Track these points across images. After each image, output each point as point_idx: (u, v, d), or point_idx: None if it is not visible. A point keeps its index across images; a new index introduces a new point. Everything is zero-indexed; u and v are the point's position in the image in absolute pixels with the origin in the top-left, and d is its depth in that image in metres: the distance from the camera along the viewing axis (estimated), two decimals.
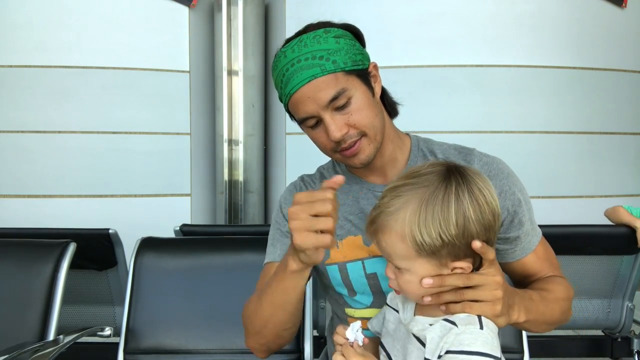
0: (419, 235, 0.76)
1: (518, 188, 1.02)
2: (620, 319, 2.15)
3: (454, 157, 1.01)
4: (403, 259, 0.79)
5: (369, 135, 0.96)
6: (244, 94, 2.93)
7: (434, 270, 0.78)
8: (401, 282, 0.81)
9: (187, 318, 1.52)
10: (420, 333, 0.80)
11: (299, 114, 0.96)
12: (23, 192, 2.70)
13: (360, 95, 0.95)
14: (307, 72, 0.92)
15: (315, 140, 0.99)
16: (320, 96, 0.92)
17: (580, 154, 2.85)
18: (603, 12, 2.79)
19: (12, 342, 1.36)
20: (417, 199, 0.77)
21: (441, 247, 0.76)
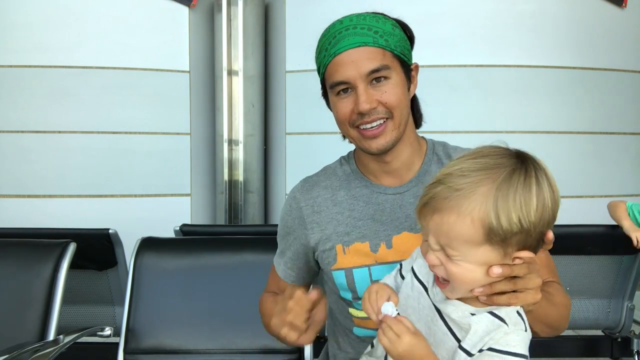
0: (495, 219, 0.69)
1: None
2: (620, 319, 2.15)
3: None
4: (465, 244, 0.71)
5: (395, 119, 0.97)
6: (244, 94, 2.93)
7: (495, 260, 0.72)
8: (453, 272, 0.72)
9: (187, 318, 1.52)
10: (461, 320, 0.75)
11: (335, 76, 0.97)
12: (23, 192, 2.70)
13: (399, 80, 0.97)
14: (359, 39, 0.95)
15: (339, 109, 0.99)
16: (364, 63, 0.94)
17: (580, 154, 2.85)
18: (603, 12, 2.79)
19: (12, 342, 1.36)
20: (492, 180, 0.70)
21: (515, 234, 0.70)
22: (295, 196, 1.12)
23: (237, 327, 1.49)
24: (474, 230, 0.70)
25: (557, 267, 1.12)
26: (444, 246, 0.72)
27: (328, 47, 0.98)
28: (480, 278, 0.73)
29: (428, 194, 0.74)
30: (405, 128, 1.00)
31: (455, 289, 0.75)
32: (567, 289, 1.06)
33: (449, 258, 0.72)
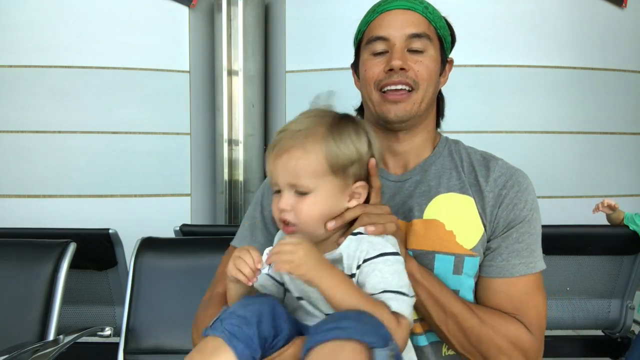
0: (335, 148, 0.80)
1: (529, 207, 0.93)
2: (620, 319, 2.15)
3: (476, 160, 0.99)
4: (312, 176, 0.79)
5: (419, 93, 0.94)
6: (244, 94, 2.93)
7: (339, 192, 0.81)
8: (303, 209, 0.79)
9: (187, 318, 1.52)
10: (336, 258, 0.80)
11: (376, 30, 0.97)
12: (23, 192, 2.71)
13: (435, 57, 0.96)
14: (410, 4, 0.96)
15: (369, 68, 0.97)
16: (408, 25, 0.95)
17: (580, 154, 2.85)
18: (603, 12, 2.79)
19: (12, 342, 1.36)
20: (326, 121, 0.82)
21: (352, 163, 0.81)
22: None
23: None
24: (317, 162, 0.79)
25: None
26: (293, 182, 0.79)
27: (377, 7, 0.99)
28: (326, 211, 0.81)
29: (273, 142, 0.82)
30: (426, 111, 0.98)
31: (304, 229, 0.80)
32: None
33: (299, 198, 0.79)
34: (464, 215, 0.93)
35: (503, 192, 0.94)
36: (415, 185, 0.98)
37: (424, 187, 0.97)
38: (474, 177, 0.97)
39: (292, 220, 0.80)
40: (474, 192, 0.95)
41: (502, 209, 0.93)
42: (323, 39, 2.80)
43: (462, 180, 0.96)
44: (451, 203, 0.95)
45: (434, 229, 0.92)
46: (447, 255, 0.91)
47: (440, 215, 0.93)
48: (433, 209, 0.94)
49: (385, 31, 0.95)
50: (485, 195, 0.94)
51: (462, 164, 0.99)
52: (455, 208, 0.94)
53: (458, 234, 0.92)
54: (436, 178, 0.97)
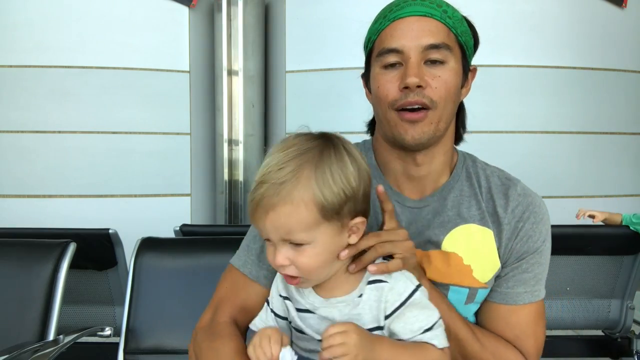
0: (322, 196, 0.73)
1: (543, 239, 0.92)
2: (620, 319, 2.15)
3: (495, 186, 0.93)
4: (306, 229, 0.73)
5: (436, 112, 0.85)
6: (244, 94, 2.93)
7: (337, 235, 0.76)
8: (303, 262, 0.74)
9: (187, 318, 1.52)
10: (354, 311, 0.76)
11: (387, 42, 0.86)
12: (23, 192, 2.71)
13: (456, 70, 0.86)
14: (426, 9, 0.85)
15: (382, 85, 0.86)
16: (424, 35, 0.84)
17: (580, 154, 2.85)
18: (603, 12, 2.79)
19: (12, 342, 1.36)
20: (308, 162, 0.74)
21: (344, 203, 0.74)
22: None
23: None
24: (308, 213, 0.72)
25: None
26: (287, 238, 0.74)
27: (388, 14, 0.87)
28: (329, 257, 0.76)
29: (255, 197, 0.74)
30: (445, 130, 0.89)
31: (309, 278, 0.77)
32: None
33: (296, 251, 0.74)
34: (482, 249, 0.90)
35: (519, 225, 0.90)
36: (433, 214, 0.92)
37: (442, 217, 0.91)
38: (492, 207, 0.91)
39: (294, 273, 0.75)
40: (493, 222, 0.91)
41: (517, 241, 0.90)
42: (323, 39, 2.80)
43: (482, 211, 0.91)
44: (470, 235, 0.90)
45: (452, 263, 0.89)
46: (462, 287, 0.89)
47: (458, 249, 0.89)
48: (452, 241, 0.90)
49: (399, 42, 0.84)
50: (503, 228, 0.90)
51: (480, 190, 0.93)
52: (475, 241, 0.90)
53: (475, 269, 0.89)
54: (455, 207, 0.92)
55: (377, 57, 0.88)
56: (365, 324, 0.75)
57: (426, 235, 0.90)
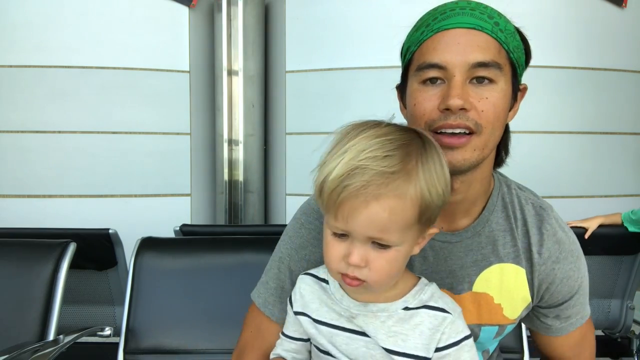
0: (428, 195, 0.66)
1: (582, 274, 0.90)
2: (620, 319, 2.15)
3: (530, 217, 0.87)
4: (402, 229, 0.65)
5: (481, 137, 0.75)
6: (244, 94, 2.93)
7: (416, 240, 0.70)
8: (380, 267, 0.66)
9: (187, 318, 1.52)
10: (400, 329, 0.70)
11: (429, 56, 0.76)
12: (23, 192, 2.70)
13: (505, 91, 0.77)
14: (475, 21, 0.75)
15: (419, 103, 0.77)
16: (473, 50, 0.73)
17: (580, 154, 2.85)
18: (603, 12, 2.79)
19: (12, 342, 1.36)
20: (415, 156, 0.66)
21: (439, 207, 0.69)
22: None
23: (237, 327, 1.49)
24: (411, 211, 0.65)
25: None
26: (377, 237, 0.64)
27: (432, 22, 0.77)
28: (403, 264, 0.70)
29: (351, 184, 0.63)
30: (489, 153, 0.79)
31: (374, 286, 0.68)
32: None
33: (378, 253, 0.65)
34: (514, 289, 0.86)
35: (556, 267, 0.86)
36: (465, 251, 0.85)
37: (476, 255, 0.85)
38: (527, 244, 0.86)
39: (362, 277, 0.66)
40: (526, 260, 0.86)
41: (557, 283, 0.87)
42: (323, 39, 2.80)
43: (517, 248, 0.86)
44: (504, 275, 0.85)
45: (483, 303, 0.86)
46: (492, 326, 0.87)
47: (490, 288, 0.85)
48: (484, 281, 0.85)
49: (442, 57, 0.74)
50: (537, 269, 0.86)
51: (516, 223, 0.86)
52: (507, 280, 0.86)
53: (505, 307, 0.86)
54: (490, 244, 0.85)
55: (417, 72, 0.78)
56: (407, 348, 0.70)
57: (458, 275, 0.85)
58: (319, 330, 0.76)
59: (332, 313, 0.75)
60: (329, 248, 0.68)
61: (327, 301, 0.76)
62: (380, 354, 0.71)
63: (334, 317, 0.75)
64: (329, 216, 0.67)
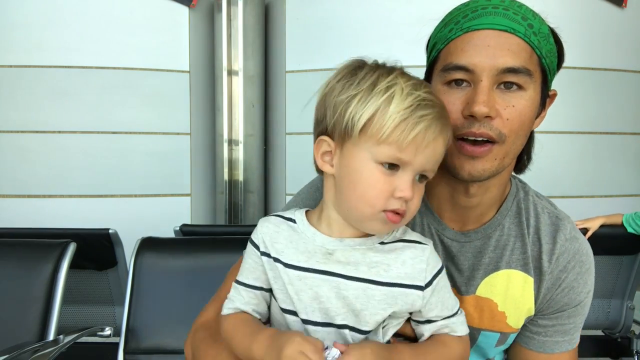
0: None
1: (587, 290, 0.86)
2: (620, 319, 2.15)
3: (544, 225, 0.85)
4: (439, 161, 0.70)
5: (504, 147, 0.73)
6: (244, 94, 2.93)
7: None
8: (417, 200, 0.68)
9: (187, 318, 1.52)
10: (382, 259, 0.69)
11: (456, 56, 0.72)
12: (23, 192, 2.70)
13: (534, 99, 0.74)
14: (510, 23, 0.71)
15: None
16: (503, 54, 0.70)
17: (580, 154, 2.85)
18: (603, 12, 2.79)
19: (12, 342, 1.36)
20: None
21: None
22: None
23: None
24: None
25: None
26: (431, 169, 0.68)
27: (461, 20, 0.74)
28: None
29: (428, 114, 0.64)
30: (510, 162, 0.77)
31: (409, 217, 0.70)
32: None
33: (417, 188, 0.68)
34: (520, 298, 0.83)
35: (562, 276, 0.83)
36: (474, 253, 0.84)
37: (483, 258, 0.83)
38: (537, 251, 0.83)
39: (406, 210, 0.67)
40: (535, 269, 0.83)
41: (558, 291, 0.83)
42: (323, 39, 2.80)
43: (527, 256, 0.83)
44: (510, 282, 0.83)
45: (485, 309, 0.83)
46: (494, 332, 0.84)
47: (494, 294, 0.83)
48: (488, 286, 0.83)
49: (470, 59, 0.71)
50: (545, 277, 0.83)
51: (528, 230, 0.84)
52: (513, 288, 0.83)
53: (510, 315, 0.83)
54: (499, 248, 0.83)
55: (442, 72, 0.75)
56: (390, 277, 0.69)
57: (465, 276, 0.83)
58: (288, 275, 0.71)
59: (300, 254, 0.72)
60: (377, 184, 0.66)
61: (297, 241, 0.73)
62: (353, 295, 0.69)
63: (302, 259, 0.71)
64: (383, 148, 0.64)
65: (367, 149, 0.66)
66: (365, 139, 0.65)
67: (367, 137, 0.65)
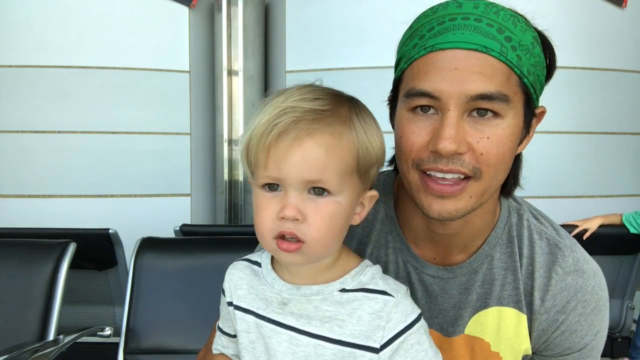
0: (366, 141, 0.59)
1: (594, 332, 0.73)
2: (620, 319, 2.15)
3: (539, 256, 0.74)
4: (340, 173, 0.58)
5: (481, 183, 0.62)
6: (244, 94, 2.93)
7: (356, 199, 0.62)
8: (319, 219, 0.58)
9: (187, 318, 1.52)
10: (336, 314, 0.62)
11: (419, 81, 0.61)
12: (23, 192, 2.70)
13: (513, 126, 0.62)
14: (481, 39, 0.60)
15: (406, 133, 0.63)
16: (474, 79, 0.59)
17: (580, 154, 2.85)
18: (603, 12, 2.79)
19: (12, 342, 1.36)
20: (348, 105, 0.61)
21: (374, 164, 0.62)
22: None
23: None
24: (349, 155, 0.58)
25: None
26: (315, 179, 0.57)
27: (426, 34, 0.63)
28: (343, 224, 0.61)
29: (280, 122, 0.57)
30: (487, 200, 0.66)
31: (313, 247, 0.59)
32: None
33: (315, 203, 0.58)
34: (515, 337, 0.73)
35: (560, 318, 0.72)
36: (459, 290, 0.73)
37: (471, 295, 0.73)
38: (530, 286, 0.72)
39: (301, 235, 0.58)
40: (527, 305, 0.72)
41: (556, 334, 0.72)
42: (323, 39, 2.80)
43: (519, 292, 0.72)
44: (502, 320, 0.73)
45: (477, 350, 0.74)
46: None
47: (485, 334, 0.73)
48: (478, 324, 0.73)
49: (434, 85, 0.60)
50: (537, 317, 0.72)
51: (521, 262, 0.73)
52: (506, 327, 0.73)
53: (505, 356, 0.74)
54: (487, 283, 0.73)
55: (405, 97, 0.64)
56: (343, 335, 0.62)
57: (450, 316, 0.73)
58: (246, 321, 0.68)
59: (259, 301, 0.67)
60: (260, 208, 0.59)
61: (257, 287, 0.68)
62: (303, 353, 0.63)
63: (261, 306, 0.67)
64: (258, 169, 0.60)
65: (254, 179, 0.62)
66: (255, 172, 0.61)
67: (253, 167, 0.61)
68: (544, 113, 0.70)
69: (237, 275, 0.72)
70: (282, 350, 0.64)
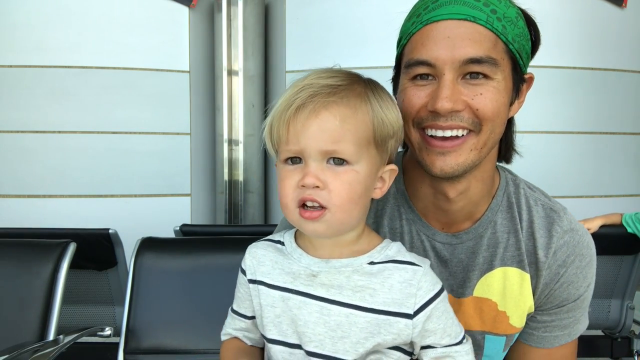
0: (382, 113, 0.64)
1: (587, 284, 0.83)
2: (620, 319, 2.15)
3: (538, 219, 0.82)
4: (357, 143, 0.62)
5: (481, 136, 0.70)
6: (244, 94, 2.93)
7: (375, 171, 0.66)
8: (339, 187, 0.61)
9: (187, 318, 1.52)
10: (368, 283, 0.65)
11: (417, 52, 0.70)
12: (23, 192, 2.70)
13: (503, 86, 0.71)
14: (469, 11, 0.69)
15: (408, 98, 0.72)
16: (464, 45, 0.67)
17: (580, 154, 2.85)
18: (603, 12, 2.79)
19: (12, 342, 1.36)
20: (359, 78, 0.67)
21: (392, 136, 0.66)
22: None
23: None
24: (365, 126, 0.63)
25: None
26: (332, 149, 0.61)
27: (422, 12, 0.72)
28: (364, 193, 0.65)
29: (297, 99, 0.62)
30: (489, 152, 0.74)
31: (335, 214, 0.62)
32: None
33: (333, 172, 0.62)
34: (519, 296, 0.81)
35: (561, 271, 0.81)
36: (467, 254, 0.81)
37: (477, 258, 0.81)
38: (532, 246, 0.81)
39: (322, 200, 0.62)
40: (530, 264, 0.81)
41: (557, 286, 0.81)
42: (323, 39, 2.80)
43: (521, 252, 0.80)
44: (507, 280, 0.80)
45: (485, 309, 0.81)
46: (499, 336, 0.82)
47: (492, 294, 0.80)
48: (485, 286, 0.81)
49: (430, 53, 0.69)
50: (542, 273, 0.80)
51: (521, 225, 0.81)
52: (510, 286, 0.80)
53: (512, 315, 0.81)
54: (492, 246, 0.81)
55: (406, 68, 0.73)
56: (375, 304, 0.65)
57: (460, 278, 0.81)
58: (272, 296, 0.70)
59: (286, 275, 0.70)
60: (282, 180, 0.64)
61: (283, 262, 0.71)
62: (335, 322, 0.66)
63: (288, 280, 0.69)
64: (280, 145, 0.65)
65: (277, 156, 0.67)
66: (278, 148, 0.67)
67: (276, 145, 0.66)
68: (533, 79, 0.79)
69: (260, 253, 0.74)
70: (313, 320, 0.66)
